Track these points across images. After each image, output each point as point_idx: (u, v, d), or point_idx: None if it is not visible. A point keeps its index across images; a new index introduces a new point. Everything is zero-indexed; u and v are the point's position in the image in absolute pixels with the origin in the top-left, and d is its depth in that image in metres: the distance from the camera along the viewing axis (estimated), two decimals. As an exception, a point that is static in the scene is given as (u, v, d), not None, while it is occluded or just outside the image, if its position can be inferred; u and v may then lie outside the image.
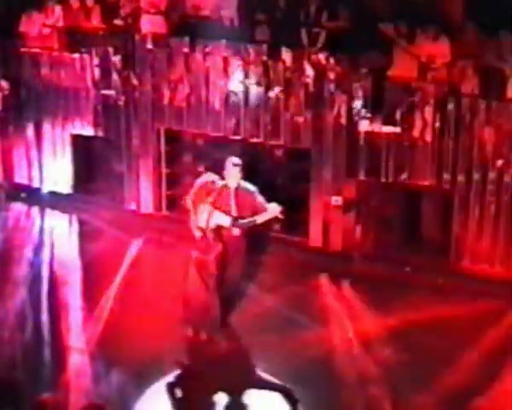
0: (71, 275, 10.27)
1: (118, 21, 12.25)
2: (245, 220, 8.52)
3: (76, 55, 11.90)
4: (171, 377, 8.09)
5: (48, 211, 12.14)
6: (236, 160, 8.74)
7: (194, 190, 8.56)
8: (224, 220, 8.45)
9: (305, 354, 8.48)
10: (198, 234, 8.50)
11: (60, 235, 11.63)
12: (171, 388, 7.98)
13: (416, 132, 10.14)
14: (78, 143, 12.31)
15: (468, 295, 9.64)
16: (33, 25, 12.26)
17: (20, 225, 11.82)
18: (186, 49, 11.21)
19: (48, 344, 8.68)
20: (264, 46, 10.92)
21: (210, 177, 8.63)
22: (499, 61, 10.17)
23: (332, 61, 10.46)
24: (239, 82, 10.82)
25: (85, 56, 11.82)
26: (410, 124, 10.15)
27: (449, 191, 10.20)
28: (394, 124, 10.23)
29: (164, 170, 11.78)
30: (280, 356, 8.45)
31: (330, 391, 7.98)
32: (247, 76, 10.77)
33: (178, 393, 7.97)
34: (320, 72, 10.48)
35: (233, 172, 8.66)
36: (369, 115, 10.28)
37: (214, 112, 11.14)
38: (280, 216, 8.63)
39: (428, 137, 10.10)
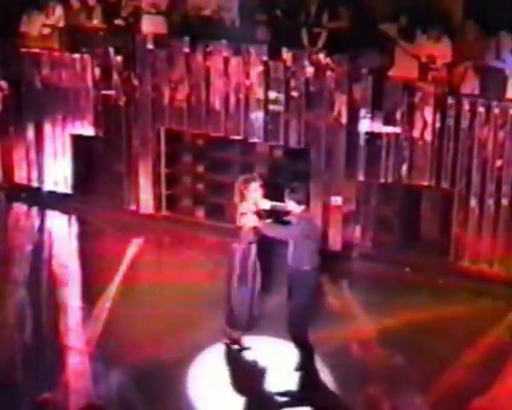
0: (71, 275, 10.28)
1: (118, 21, 12.25)
2: None
3: (76, 56, 11.92)
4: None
5: (48, 211, 12.15)
6: None
7: (236, 192, 8.15)
8: None
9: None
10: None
11: (60, 235, 11.65)
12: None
13: (416, 132, 10.17)
14: (78, 143, 12.32)
15: (467, 295, 9.67)
16: (34, 25, 12.27)
17: (20, 225, 11.85)
18: (186, 50, 11.21)
19: (47, 344, 8.66)
20: (265, 46, 10.94)
21: (245, 176, 8.23)
22: (499, 61, 10.19)
23: (332, 61, 10.45)
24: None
25: (86, 56, 11.83)
26: (410, 124, 10.18)
27: (449, 191, 10.22)
28: (394, 124, 10.24)
29: (163, 170, 11.78)
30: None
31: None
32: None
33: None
34: (320, 72, 10.50)
35: None
36: (369, 115, 10.29)
37: (214, 112, 11.15)
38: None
39: (428, 137, 10.12)
